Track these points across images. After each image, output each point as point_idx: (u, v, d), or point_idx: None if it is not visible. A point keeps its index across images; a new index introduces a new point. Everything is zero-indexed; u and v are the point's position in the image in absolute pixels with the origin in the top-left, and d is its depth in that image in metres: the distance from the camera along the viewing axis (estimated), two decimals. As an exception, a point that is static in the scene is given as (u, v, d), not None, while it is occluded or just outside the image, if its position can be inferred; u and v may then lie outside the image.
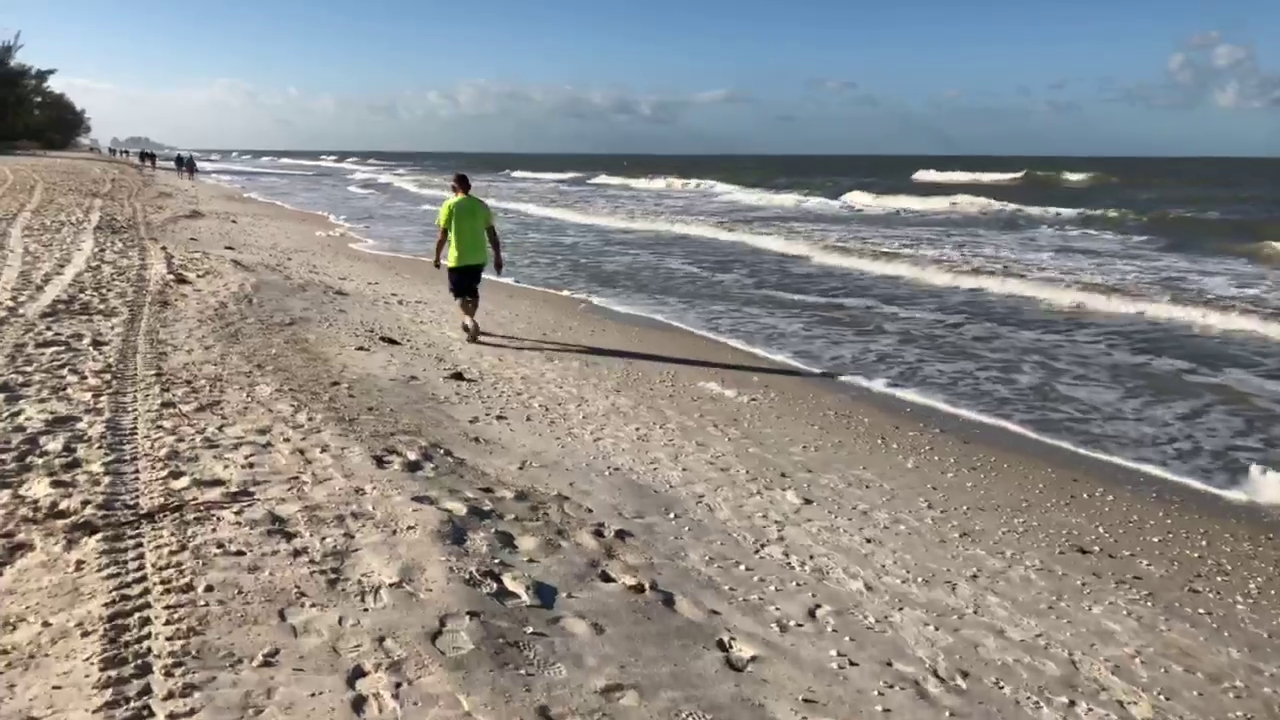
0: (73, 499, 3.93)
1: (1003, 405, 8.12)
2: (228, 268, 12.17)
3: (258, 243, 17.76)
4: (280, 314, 9.49)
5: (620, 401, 7.37)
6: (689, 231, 25.87)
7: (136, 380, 6.14)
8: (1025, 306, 13.70)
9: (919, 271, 17.08)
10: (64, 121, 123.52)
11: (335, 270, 14.28)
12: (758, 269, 17.72)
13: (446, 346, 9.05)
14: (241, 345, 7.78)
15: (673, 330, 11.25)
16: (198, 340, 7.76)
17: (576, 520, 4.48)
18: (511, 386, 7.57)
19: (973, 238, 24.75)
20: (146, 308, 8.94)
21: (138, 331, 7.82)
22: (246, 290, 10.43)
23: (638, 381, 8.23)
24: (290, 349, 7.91)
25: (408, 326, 9.91)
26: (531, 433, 6.23)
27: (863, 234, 25.51)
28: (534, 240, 23.10)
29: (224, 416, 5.46)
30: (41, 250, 12.71)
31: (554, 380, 7.96)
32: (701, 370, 8.96)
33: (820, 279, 16.48)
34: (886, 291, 15.01)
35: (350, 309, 10.45)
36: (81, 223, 17.43)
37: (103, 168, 51.80)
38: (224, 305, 9.46)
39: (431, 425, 6.01)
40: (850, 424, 7.29)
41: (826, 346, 10.48)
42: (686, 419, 6.99)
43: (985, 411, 7.89)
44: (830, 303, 13.73)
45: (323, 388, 6.60)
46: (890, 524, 5.05)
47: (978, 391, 8.59)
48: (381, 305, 11.09)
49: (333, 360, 7.69)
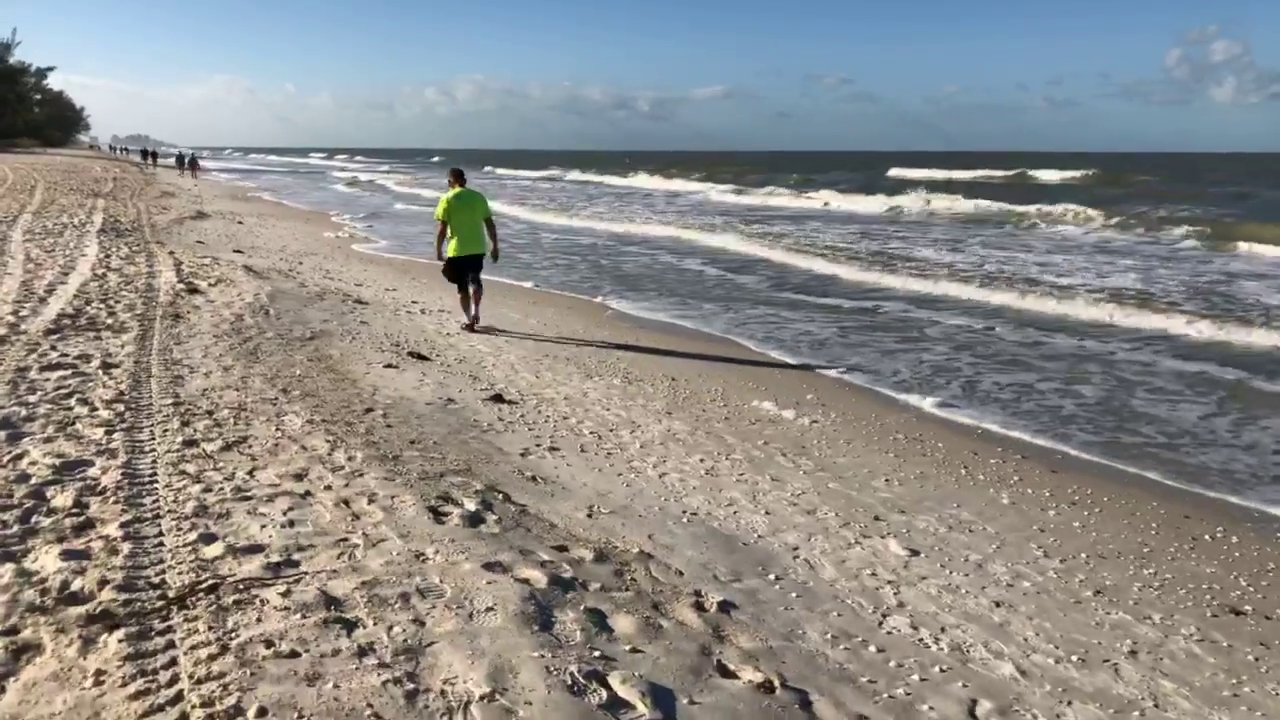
0: (88, 576, 3.28)
1: (1075, 425, 7.49)
2: (240, 275, 11.49)
3: (266, 245, 17.07)
4: (300, 327, 8.82)
5: (675, 426, 6.72)
6: (629, 230, 25.25)
7: (153, 411, 5.48)
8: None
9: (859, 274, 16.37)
10: (64, 119, 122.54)
11: (349, 275, 13.61)
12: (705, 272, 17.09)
13: (479, 362, 8.39)
14: (262, 365, 7.12)
15: (704, 337, 10.59)
16: (215, 360, 7.10)
17: (670, 588, 3.83)
18: (555, 409, 6.92)
19: (885, 236, 24.10)
20: (157, 322, 8.27)
21: (150, 351, 7.16)
22: (262, 300, 9.77)
23: (688, 401, 7.58)
24: (315, 368, 7.26)
25: (434, 339, 9.25)
26: (590, 467, 5.58)
27: (808, 233, 24.81)
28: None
29: (253, 457, 4.80)
30: (44, 256, 12.02)
31: (599, 401, 7.31)
32: (749, 385, 8.32)
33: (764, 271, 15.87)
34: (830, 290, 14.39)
35: (372, 320, 9.78)
36: (85, 225, 16.73)
37: (104, 166, 51.01)
38: (239, 318, 8.79)
39: (482, 461, 5.35)
40: (924, 450, 6.65)
41: (848, 351, 9.84)
42: (751, 447, 6.35)
43: (1060, 434, 7.25)
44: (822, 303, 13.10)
45: (356, 416, 5.95)
46: (1012, 580, 4.41)
47: (1042, 408, 7.95)
48: (403, 315, 10.43)
49: (362, 381, 7.03)
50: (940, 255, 19.51)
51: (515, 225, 26.13)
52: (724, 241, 21.41)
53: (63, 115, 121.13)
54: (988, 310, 12.94)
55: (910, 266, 17.19)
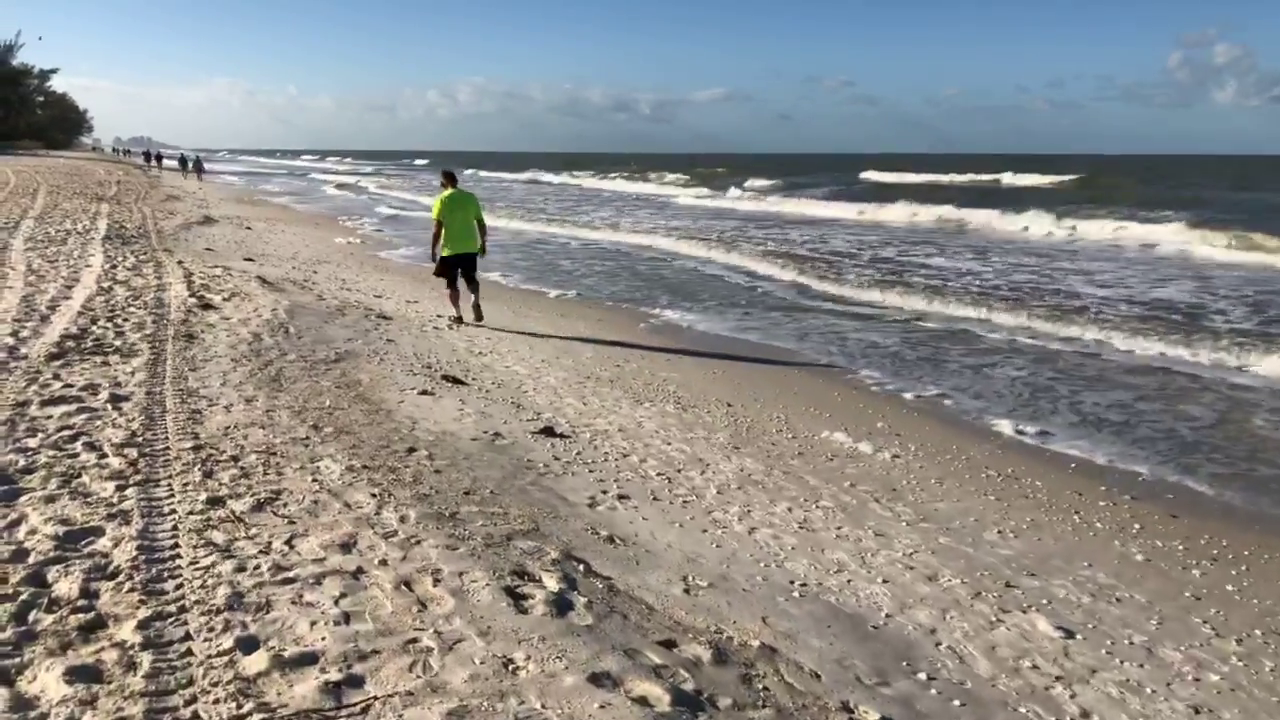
0: (99, 708, 2.55)
1: (1173, 454, 6.76)
2: (254, 287, 10.74)
3: (277, 252, 16.32)
4: (323, 347, 8.08)
5: (748, 465, 5.99)
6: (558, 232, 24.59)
7: (170, 458, 4.74)
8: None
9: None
10: (67, 121, 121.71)
11: (367, 285, 12.86)
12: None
13: (518, 386, 7.65)
14: (287, 394, 6.38)
15: (745, 347, 9.83)
16: (234, 388, 6.35)
17: (812, 699, 3.09)
18: (612, 444, 6.18)
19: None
20: (170, 343, 7.52)
21: (163, 379, 6.41)
22: (280, 317, 9.02)
23: (752, 433, 6.85)
24: (345, 396, 6.52)
25: (466, 359, 8.51)
26: (668, 520, 4.84)
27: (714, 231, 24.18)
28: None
29: (291, 519, 4.06)
30: (46, 267, 11.27)
31: (657, 433, 6.58)
32: (812, 410, 7.59)
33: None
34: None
35: (398, 337, 9.04)
36: (89, 231, 15.97)
37: (107, 169, 50.22)
38: (258, 337, 8.04)
39: (549, 516, 4.61)
40: (1024, 489, 5.93)
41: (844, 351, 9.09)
42: (838, 490, 5.61)
43: (1159, 463, 6.53)
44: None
45: (399, 459, 5.21)
46: (1195, 671, 3.69)
47: (1131, 433, 7.20)
48: (430, 331, 9.69)
49: (398, 412, 6.29)
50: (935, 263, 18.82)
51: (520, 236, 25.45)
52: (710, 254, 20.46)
53: (66, 117, 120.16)
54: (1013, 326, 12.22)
55: (925, 279, 16.48)
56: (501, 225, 25.41)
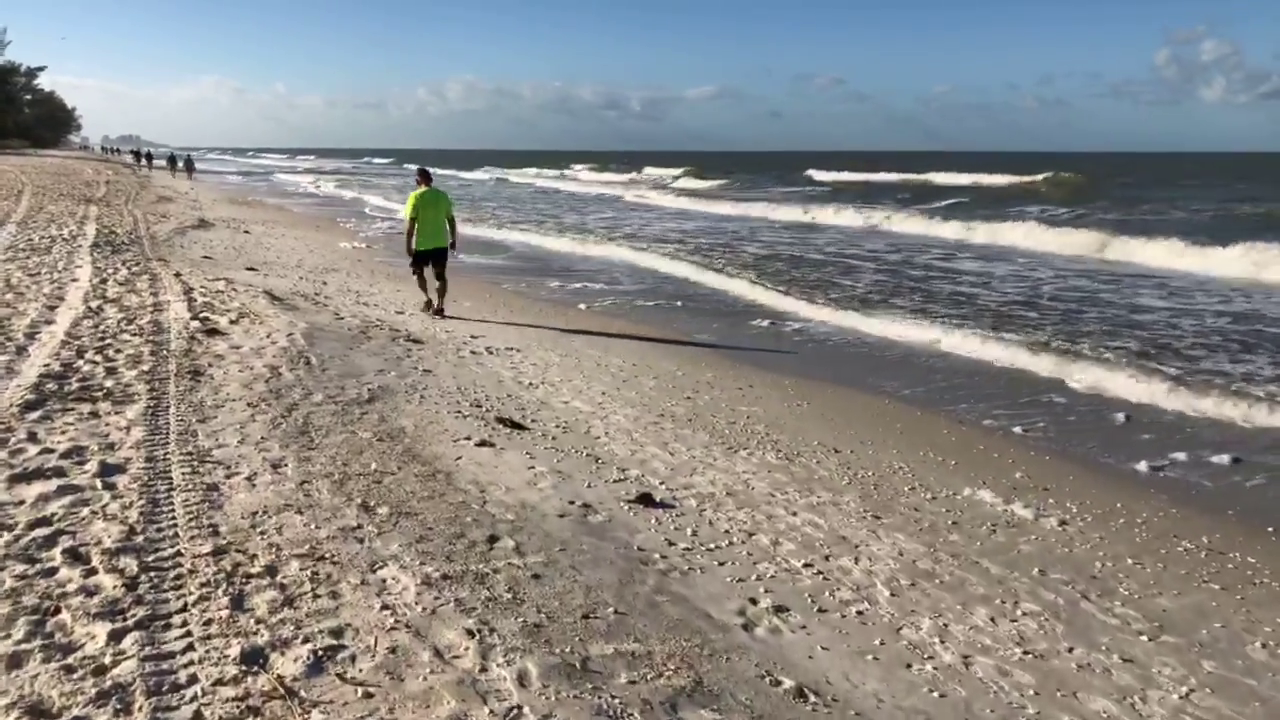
0: None
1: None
2: (263, 305, 9.40)
3: (281, 260, 14.95)
4: (352, 382, 6.77)
5: (904, 545, 4.73)
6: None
7: (183, 574, 3.43)
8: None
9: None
10: (54, 119, 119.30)
11: (384, 298, 11.53)
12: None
13: (585, 429, 6.38)
14: (321, 453, 5.07)
15: (795, 374, 8.57)
16: (256, 446, 5.05)
17: None
18: (727, 515, 4.91)
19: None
20: (172, 382, 6.19)
21: (166, 435, 5.09)
22: (298, 344, 7.68)
23: (882, 491, 5.60)
24: (391, 453, 5.22)
25: (517, 393, 7.21)
26: (853, 648, 3.57)
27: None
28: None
29: (366, 688, 2.77)
30: (27, 281, 9.89)
31: (772, 496, 5.31)
32: (931, 455, 6.37)
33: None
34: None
35: (434, 365, 7.73)
36: (76, 238, 14.55)
37: (95, 168, 48.55)
38: (275, 372, 6.72)
39: (702, 652, 3.33)
40: (1245, 569, 4.70)
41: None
42: (1034, 585, 4.36)
43: None
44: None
45: (481, 556, 3.92)
46: None
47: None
48: (468, 356, 8.38)
49: (459, 475, 5.00)
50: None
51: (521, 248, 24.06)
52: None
53: (53, 115, 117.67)
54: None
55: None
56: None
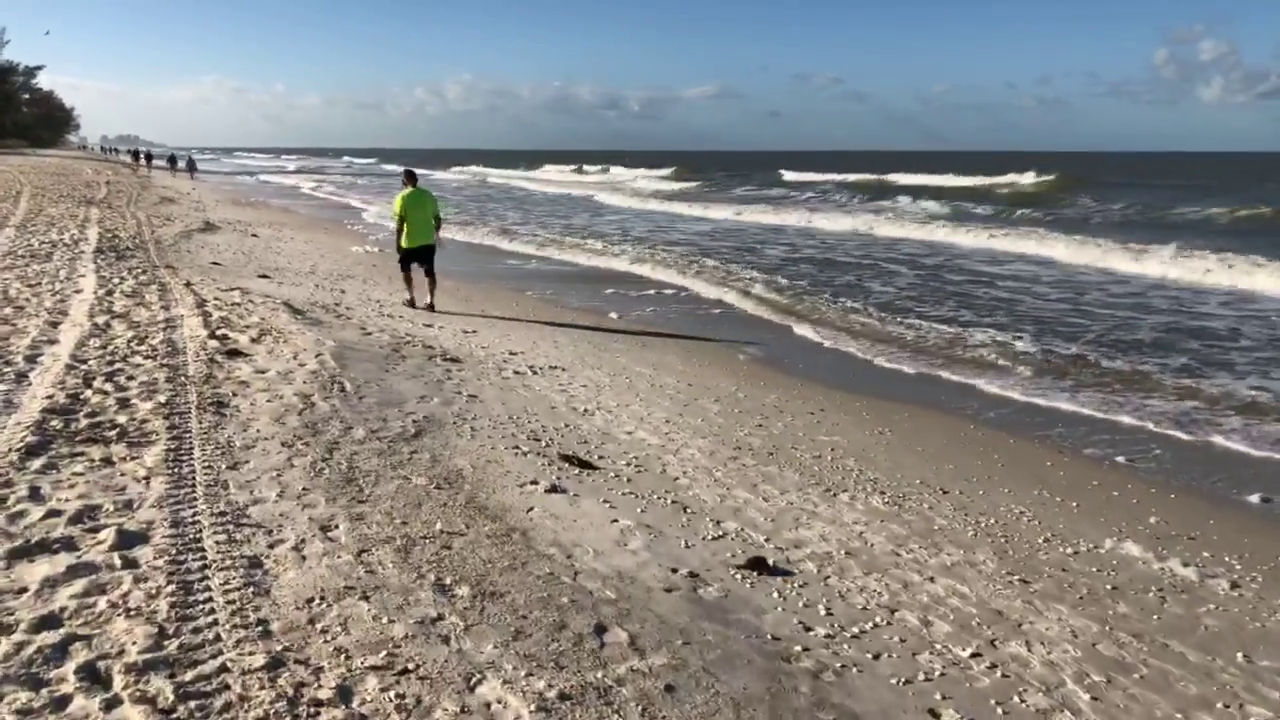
0: None
1: None
2: (284, 319, 8.59)
3: (292, 265, 14.14)
4: (394, 412, 5.98)
5: (1071, 621, 3.95)
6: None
7: (230, 700, 2.64)
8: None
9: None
10: (53, 119, 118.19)
11: (407, 309, 10.74)
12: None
13: (661, 470, 5.59)
14: (375, 509, 4.28)
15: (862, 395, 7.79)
16: (298, 501, 4.26)
17: None
18: (854, 582, 4.14)
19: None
20: (194, 416, 5.39)
21: (193, 488, 4.29)
22: (329, 366, 6.88)
23: (1015, 546, 4.82)
24: (453, 504, 4.44)
25: (576, 422, 6.43)
26: (1080, 785, 2.82)
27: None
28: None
29: None
30: (26, 293, 9.07)
31: (896, 556, 4.54)
32: (1049, 495, 5.60)
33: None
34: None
35: (478, 389, 6.94)
36: (78, 243, 13.72)
37: (95, 168, 47.64)
38: (308, 401, 5.92)
39: (909, 805, 2.58)
40: None
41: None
42: (1251, 679, 3.58)
43: None
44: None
45: (594, 657, 3.14)
46: None
47: None
48: (512, 377, 7.59)
49: (536, 533, 4.22)
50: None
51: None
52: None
53: (52, 115, 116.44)
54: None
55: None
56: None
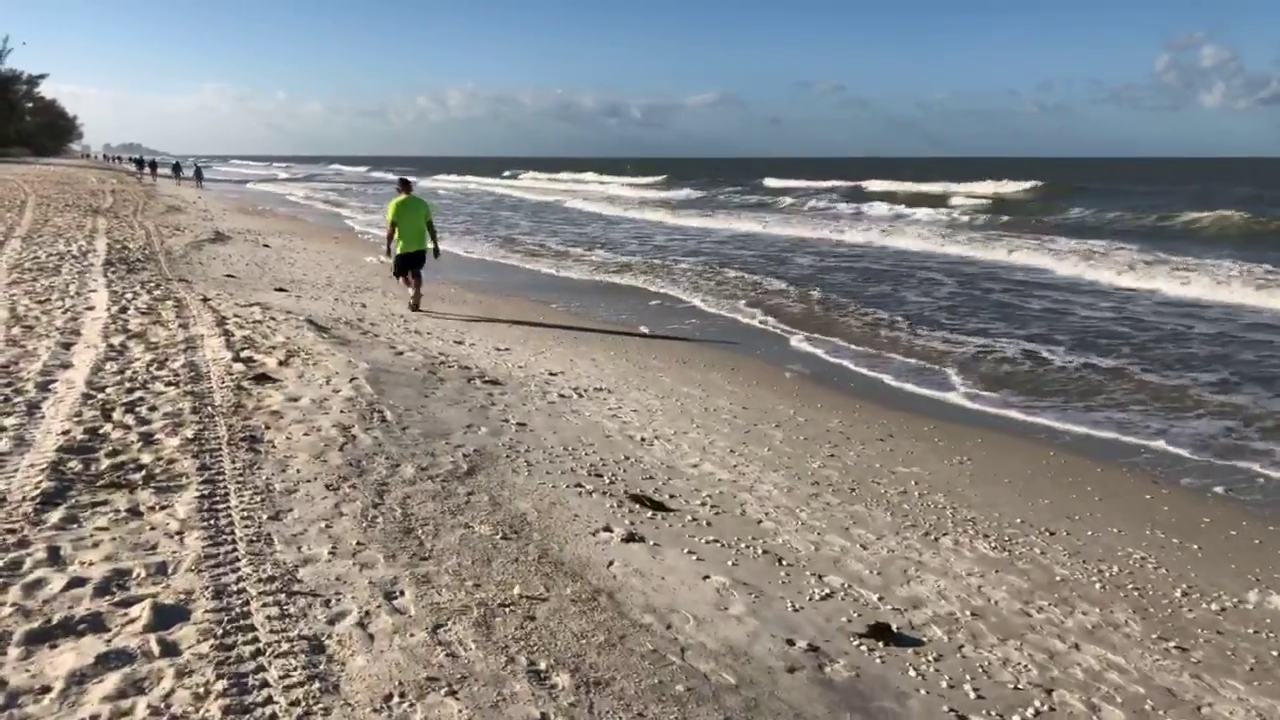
0: None
1: None
2: (310, 338, 8.03)
3: (308, 277, 13.60)
4: (442, 444, 5.43)
5: (1257, 702, 3.40)
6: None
7: None
8: None
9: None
10: (56, 127, 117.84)
11: (433, 324, 10.18)
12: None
13: (740, 509, 5.04)
14: (441, 568, 3.73)
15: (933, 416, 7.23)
16: (354, 559, 3.71)
17: None
18: (993, 653, 3.59)
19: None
20: (226, 454, 4.83)
21: (234, 545, 3.73)
22: (365, 392, 6.33)
23: (1153, 602, 4.27)
24: (525, 561, 3.89)
25: (635, 453, 5.87)
26: None
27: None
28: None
29: None
30: (36, 311, 8.52)
31: (1027, 617, 3.99)
32: (1153, 530, 5.03)
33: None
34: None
35: (525, 415, 6.39)
36: (87, 255, 13.18)
37: (99, 176, 47.11)
38: (348, 434, 5.37)
39: None
40: None
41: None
42: None
43: None
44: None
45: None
46: None
47: None
48: (558, 401, 7.03)
49: (626, 597, 3.67)
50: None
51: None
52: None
53: (54, 124, 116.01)
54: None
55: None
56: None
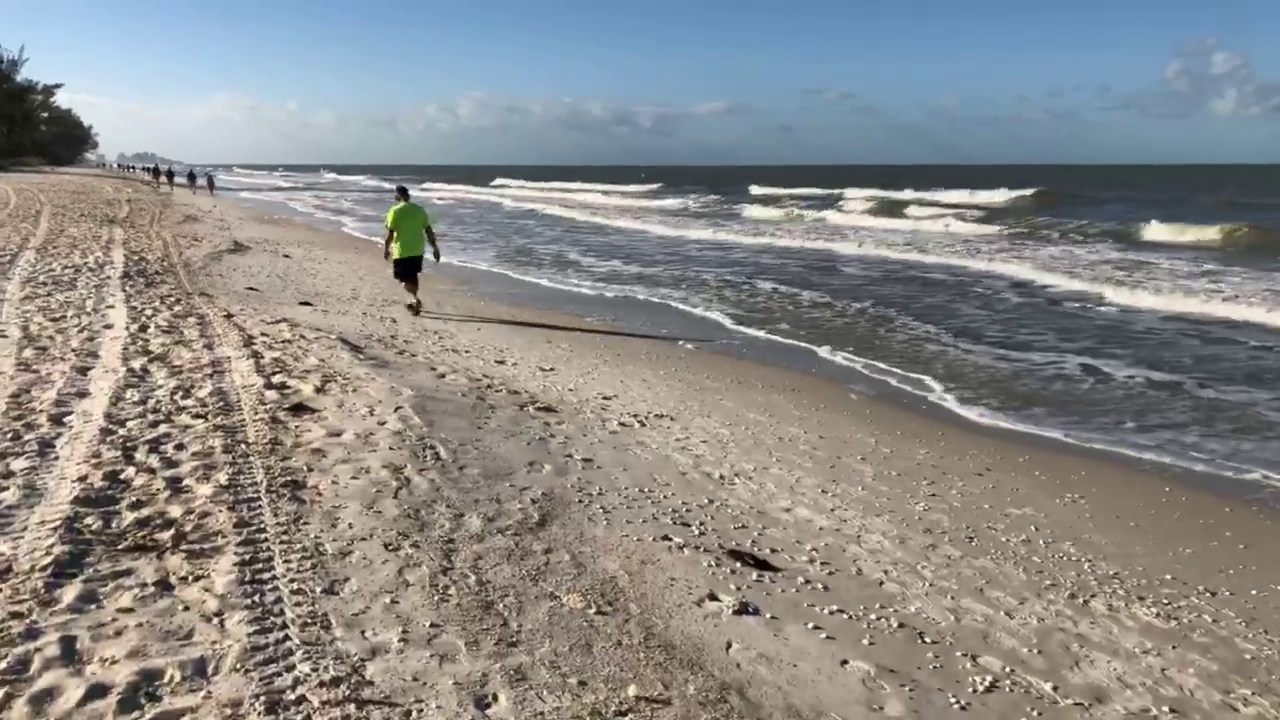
0: None
1: None
2: (345, 359, 7.36)
3: (332, 290, 12.96)
4: (506, 488, 4.74)
5: None
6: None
7: None
8: None
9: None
10: (71, 137, 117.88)
11: (468, 340, 9.52)
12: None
13: (853, 566, 4.34)
14: (536, 659, 3.04)
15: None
16: (430, 650, 3.02)
17: None
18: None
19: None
20: (266, 506, 4.16)
21: (285, 632, 3.05)
22: (413, 423, 5.64)
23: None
24: (628, 641, 3.20)
25: (718, 495, 5.17)
26: None
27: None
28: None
29: None
30: (50, 329, 7.88)
31: (1236, 711, 3.29)
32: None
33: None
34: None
35: (592, 451, 5.69)
36: (104, 266, 12.56)
37: (115, 186, 46.69)
38: (401, 476, 4.69)
39: None
40: None
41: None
42: None
43: None
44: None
45: None
46: None
47: None
48: (622, 433, 6.33)
49: (758, 694, 2.99)
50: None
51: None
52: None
53: (70, 134, 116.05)
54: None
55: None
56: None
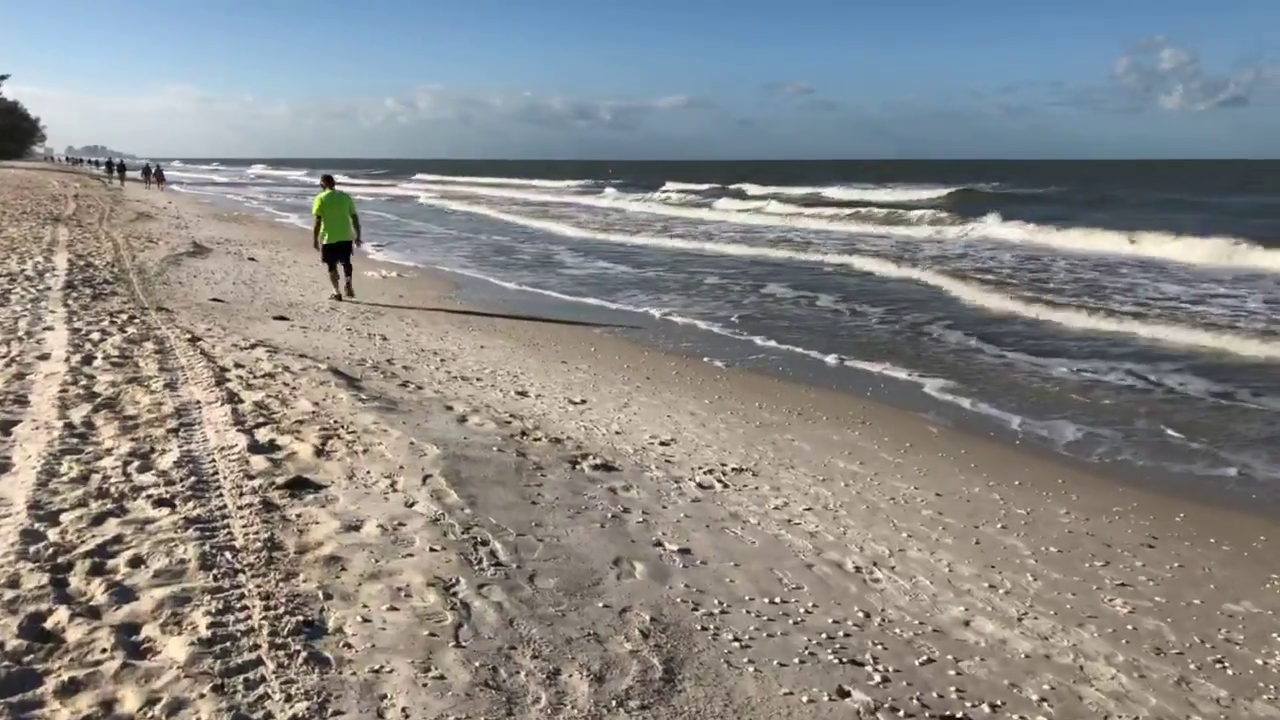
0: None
1: None
2: (344, 402, 5.85)
3: (308, 299, 11.38)
4: (599, 609, 3.35)
5: None
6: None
7: None
8: None
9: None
10: (18, 130, 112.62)
11: (475, 362, 8.06)
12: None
13: (1022, 696, 3.04)
14: None
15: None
16: None
17: None
18: None
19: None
20: (272, 677, 2.70)
21: None
22: (448, 500, 4.19)
23: None
24: None
25: (877, 605, 3.80)
26: None
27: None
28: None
29: None
30: (-32, 363, 6.28)
31: None
32: None
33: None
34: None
35: (680, 532, 4.29)
36: (43, 275, 10.84)
37: (61, 180, 43.99)
38: (454, 600, 3.26)
39: None
40: None
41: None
42: None
43: None
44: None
45: None
46: None
47: None
48: (705, 499, 4.94)
49: None
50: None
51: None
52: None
53: (16, 127, 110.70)
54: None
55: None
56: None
